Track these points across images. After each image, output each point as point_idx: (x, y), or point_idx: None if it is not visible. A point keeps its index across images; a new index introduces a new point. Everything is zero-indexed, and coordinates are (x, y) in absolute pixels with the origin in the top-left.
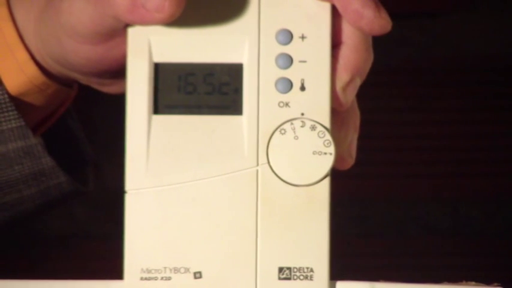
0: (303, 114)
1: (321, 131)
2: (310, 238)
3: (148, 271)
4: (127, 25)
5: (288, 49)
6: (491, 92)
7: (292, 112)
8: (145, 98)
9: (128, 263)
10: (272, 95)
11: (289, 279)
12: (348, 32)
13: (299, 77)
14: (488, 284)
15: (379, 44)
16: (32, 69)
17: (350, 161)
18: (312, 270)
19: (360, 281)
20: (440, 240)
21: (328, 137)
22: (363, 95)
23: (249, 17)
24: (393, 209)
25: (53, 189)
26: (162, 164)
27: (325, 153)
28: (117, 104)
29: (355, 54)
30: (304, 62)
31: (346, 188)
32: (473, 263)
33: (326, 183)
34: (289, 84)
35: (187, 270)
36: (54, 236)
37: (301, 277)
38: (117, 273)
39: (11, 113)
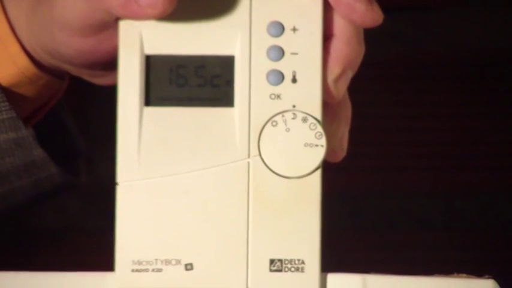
0: (294, 106)
1: (313, 123)
2: (301, 230)
3: (140, 263)
4: (119, 18)
5: (279, 41)
6: (484, 86)
7: (283, 104)
8: (136, 90)
9: (119, 255)
10: (263, 87)
11: (280, 271)
12: (339, 25)
13: (290, 69)
14: (479, 276)
15: (371, 37)
16: (24, 61)
17: (341, 154)
18: (303, 262)
19: (351, 273)
20: (433, 234)
21: (319, 129)
22: (355, 88)
23: (240, 9)
24: (386, 203)
25: (45, 181)
26: (154, 156)
27: (317, 145)
28: (110, 96)
29: (347, 46)
30: (296, 54)
31: (339, 182)
32: (466, 256)
33: (317, 175)
34: (281, 77)
35: (178, 262)
36: (47, 230)
37: (293, 269)
38: (109, 266)
39: (2, 104)
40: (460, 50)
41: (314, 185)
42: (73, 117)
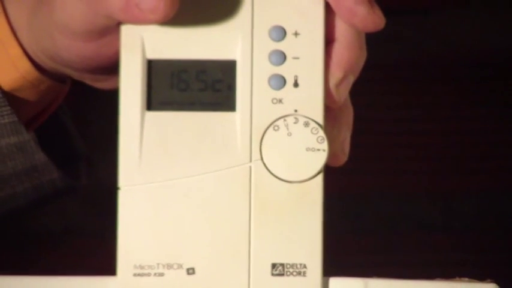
0: (296, 110)
1: (314, 127)
2: (303, 234)
3: (141, 267)
4: (120, 23)
5: (281, 46)
6: (484, 88)
7: (285, 109)
8: (138, 94)
9: (121, 259)
10: (265, 92)
11: (282, 275)
12: (341, 29)
13: (292, 73)
14: (481, 280)
15: (371, 40)
16: (25, 65)
17: (343, 158)
18: (305, 267)
19: (353, 277)
20: (433, 236)
21: (321, 133)
22: (355, 91)
23: (242, 13)
24: (385, 205)
25: (46, 185)
26: (156, 161)
27: (319, 150)
28: (110, 98)
29: (349, 51)
30: (298, 58)
31: (339, 184)
32: (466, 258)
33: (319, 180)
34: (283, 81)
35: (180, 266)
36: (47, 232)
37: (294, 273)
38: (110, 268)
39: (3, 108)
40: (460, 52)
41: (316, 189)
42: (73, 119)
